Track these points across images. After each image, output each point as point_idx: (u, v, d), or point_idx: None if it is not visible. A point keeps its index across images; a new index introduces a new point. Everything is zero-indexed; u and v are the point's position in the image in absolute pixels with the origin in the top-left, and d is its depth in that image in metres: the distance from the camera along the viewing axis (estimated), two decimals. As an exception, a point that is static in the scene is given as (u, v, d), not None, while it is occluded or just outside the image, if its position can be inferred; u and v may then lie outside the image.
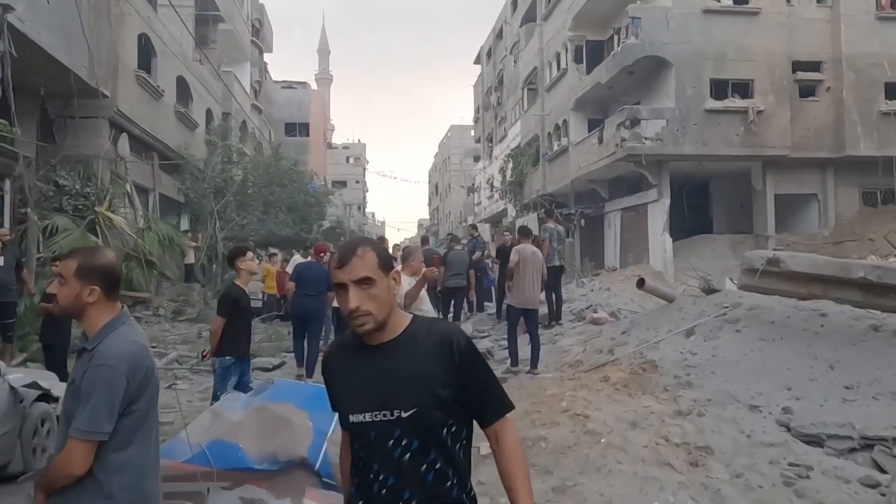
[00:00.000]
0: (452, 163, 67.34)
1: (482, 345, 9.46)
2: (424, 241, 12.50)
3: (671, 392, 5.55)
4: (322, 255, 9.19)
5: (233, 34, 27.43)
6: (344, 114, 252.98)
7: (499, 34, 40.17)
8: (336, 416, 1.96)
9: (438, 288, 11.32)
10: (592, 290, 17.49)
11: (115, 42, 14.40)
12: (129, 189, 15.27)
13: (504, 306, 10.46)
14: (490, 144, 44.02)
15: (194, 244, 16.60)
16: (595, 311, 10.06)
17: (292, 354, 9.46)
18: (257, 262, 9.55)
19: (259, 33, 33.21)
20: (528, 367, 7.51)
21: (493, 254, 14.28)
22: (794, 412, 4.95)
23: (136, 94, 15.84)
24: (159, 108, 17.61)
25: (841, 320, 6.26)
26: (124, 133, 14.98)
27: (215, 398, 5.57)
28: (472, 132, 59.23)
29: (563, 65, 26.32)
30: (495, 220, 41.57)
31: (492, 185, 41.73)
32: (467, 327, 11.70)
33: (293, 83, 42.94)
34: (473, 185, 52.51)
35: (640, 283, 8.36)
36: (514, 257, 7.62)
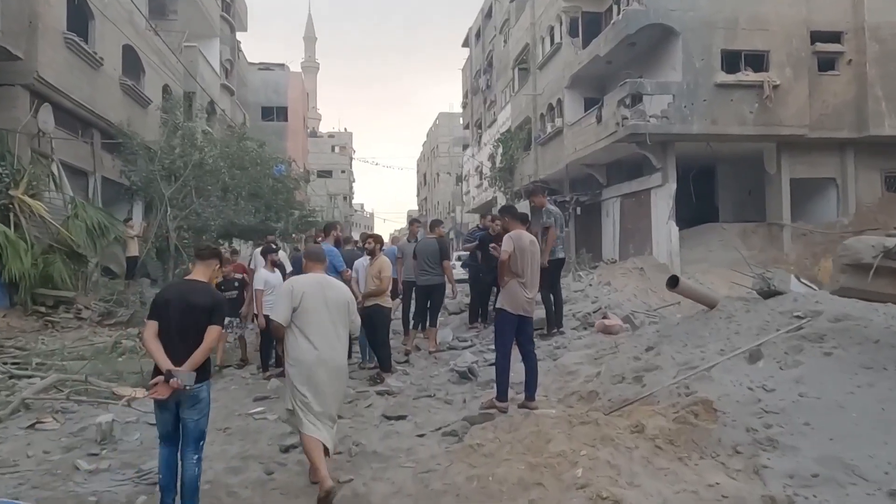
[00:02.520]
0: (441, 151, 65.30)
1: (463, 360, 7.44)
2: (414, 223, 10.27)
3: (746, 456, 3.57)
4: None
5: (197, 6, 25.12)
6: (330, 103, 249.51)
7: (488, 14, 38.02)
8: None
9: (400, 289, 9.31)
10: (591, 286, 15.65)
11: (32, -6, 12.21)
12: (54, 170, 13.09)
13: (490, 311, 8.41)
14: (479, 130, 41.99)
15: (134, 233, 14.40)
16: (605, 317, 8.04)
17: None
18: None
19: (230, 8, 30.86)
20: (522, 400, 5.49)
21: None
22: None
23: (64, 59, 13.62)
24: (98, 78, 15.40)
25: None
26: (47, 104, 12.78)
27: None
28: (461, 119, 57.26)
29: (556, 39, 24.23)
30: (484, 210, 39.53)
31: (480, 173, 39.73)
32: (445, 334, 9.65)
33: (270, 65, 40.44)
34: (462, 173, 50.49)
35: (674, 282, 6.33)
36: (507, 246, 5.57)
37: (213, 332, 4.12)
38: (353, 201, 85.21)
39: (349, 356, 6.45)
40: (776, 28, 18.17)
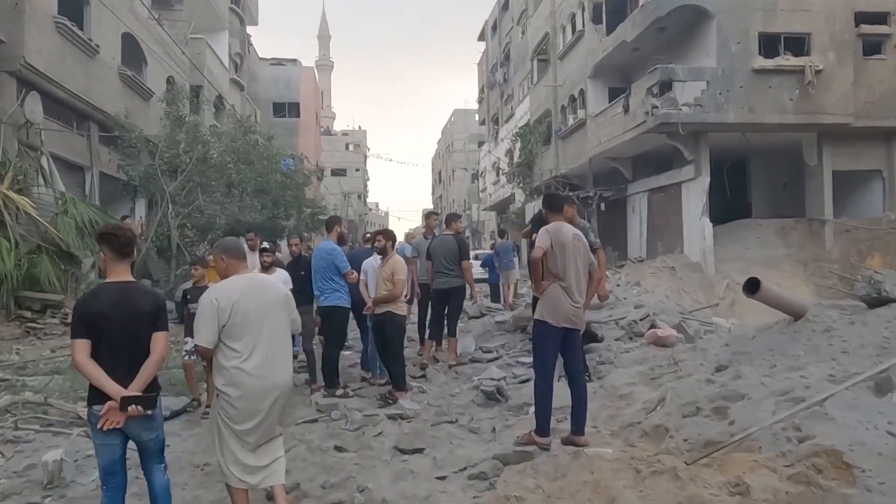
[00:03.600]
0: (456, 148, 64.19)
1: (490, 376, 6.35)
2: (431, 216, 9.04)
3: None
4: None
5: (205, -3, 24.25)
6: (344, 100, 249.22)
7: (504, 5, 36.88)
8: None
9: (417, 291, 8.22)
10: (619, 286, 14.57)
11: (17, -26, 11.30)
12: (44, 163, 12.18)
13: (514, 321, 7.30)
14: (495, 126, 40.89)
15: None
16: (655, 325, 6.90)
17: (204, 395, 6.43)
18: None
19: (240, 1, 29.96)
20: (568, 434, 4.38)
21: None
22: None
23: (55, 45, 12.71)
24: (94, 67, 14.49)
25: None
26: (34, 92, 11.86)
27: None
28: (477, 116, 56.11)
29: (578, 27, 23.07)
30: (502, 207, 38.46)
31: (497, 170, 38.61)
32: (467, 343, 8.53)
33: (282, 60, 39.52)
34: (478, 170, 49.38)
35: (753, 287, 5.16)
36: (542, 241, 4.43)
37: (160, 340, 3.36)
38: (368, 200, 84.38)
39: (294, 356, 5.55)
40: (818, 9, 16.91)
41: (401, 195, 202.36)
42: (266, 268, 7.11)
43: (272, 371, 3.60)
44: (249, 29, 33.48)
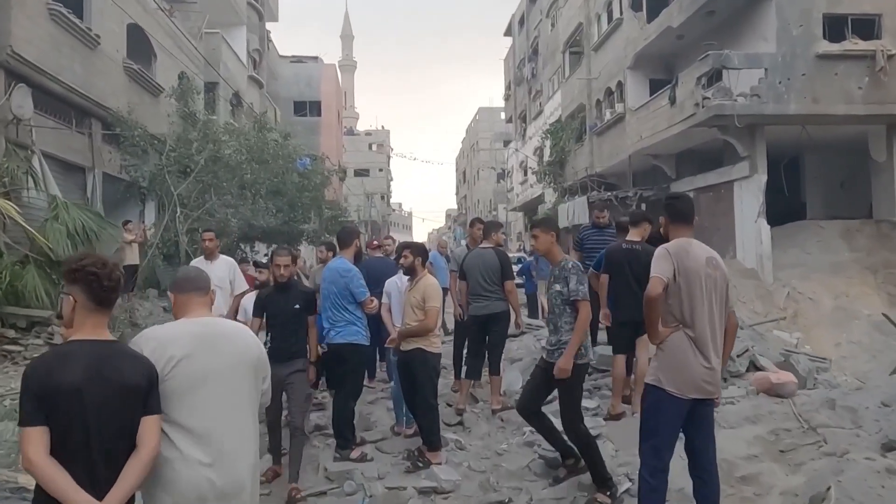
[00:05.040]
0: (481, 147, 62.88)
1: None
2: (476, 224, 7.34)
3: None
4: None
5: (221, -10, 23.18)
6: (368, 101, 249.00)
7: (532, -2, 35.39)
8: None
9: (458, 314, 6.67)
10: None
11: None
12: (35, 164, 11.05)
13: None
14: (523, 124, 39.44)
15: (131, 238, 12.24)
16: (757, 364, 5.39)
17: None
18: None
19: (258, -5, 28.87)
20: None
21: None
22: None
23: (48, 34, 11.58)
24: (95, 60, 13.37)
25: None
26: (23, 85, 10.73)
27: None
28: (503, 114, 54.69)
29: (616, 14, 21.52)
30: (530, 208, 36.94)
31: (525, 169, 37.13)
32: (513, 378, 6.97)
33: (303, 57, 38.37)
34: (505, 169, 47.94)
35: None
36: (661, 267, 3.18)
37: (152, 426, 2.22)
38: (391, 200, 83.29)
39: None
40: (890, -13, 15.21)
41: (423, 195, 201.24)
42: (258, 287, 5.73)
43: (225, 464, 2.31)
44: (269, 25, 32.43)
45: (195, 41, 19.48)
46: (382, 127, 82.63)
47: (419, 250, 5.17)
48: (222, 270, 6.18)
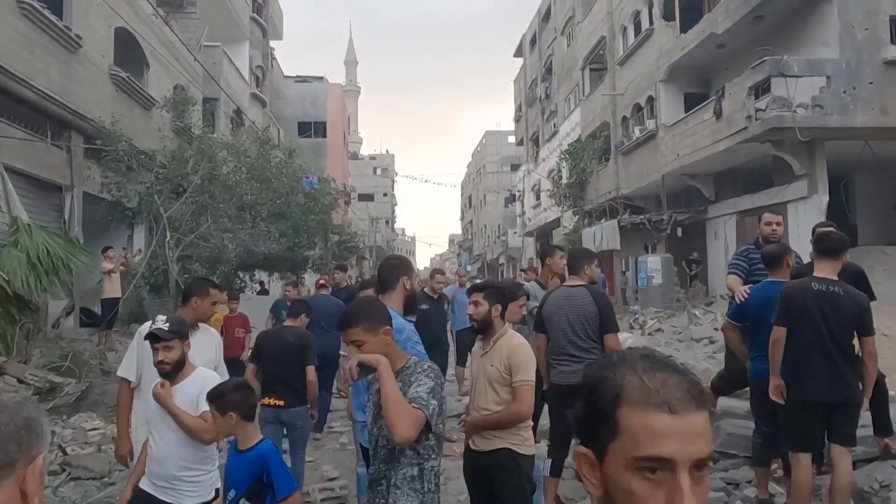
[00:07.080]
0: (488, 171, 61.42)
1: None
2: (548, 250, 5.46)
3: None
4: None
5: (223, 2, 21.81)
6: (371, 125, 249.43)
7: (545, 16, 34.18)
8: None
9: (544, 387, 4.41)
10: (717, 329, 11.59)
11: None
12: (-3, 181, 9.40)
13: None
14: (535, 146, 37.94)
15: (109, 268, 10.53)
16: None
17: None
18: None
19: (262, 11, 27.59)
20: None
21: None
22: None
23: (17, 31, 10.05)
24: (75, 64, 11.83)
25: None
26: (-17, 88, 9.15)
27: None
28: (511, 138, 53.37)
29: (644, 25, 20.05)
30: (543, 233, 35.23)
31: (538, 193, 35.51)
32: None
33: (307, 77, 37.10)
34: (515, 193, 46.34)
35: None
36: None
37: None
38: (395, 225, 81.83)
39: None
40: (962, -13, 13.71)
41: (426, 220, 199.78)
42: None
43: None
44: (273, 44, 31.14)
45: (194, 53, 18.00)
46: (387, 151, 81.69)
47: (495, 294, 3.32)
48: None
